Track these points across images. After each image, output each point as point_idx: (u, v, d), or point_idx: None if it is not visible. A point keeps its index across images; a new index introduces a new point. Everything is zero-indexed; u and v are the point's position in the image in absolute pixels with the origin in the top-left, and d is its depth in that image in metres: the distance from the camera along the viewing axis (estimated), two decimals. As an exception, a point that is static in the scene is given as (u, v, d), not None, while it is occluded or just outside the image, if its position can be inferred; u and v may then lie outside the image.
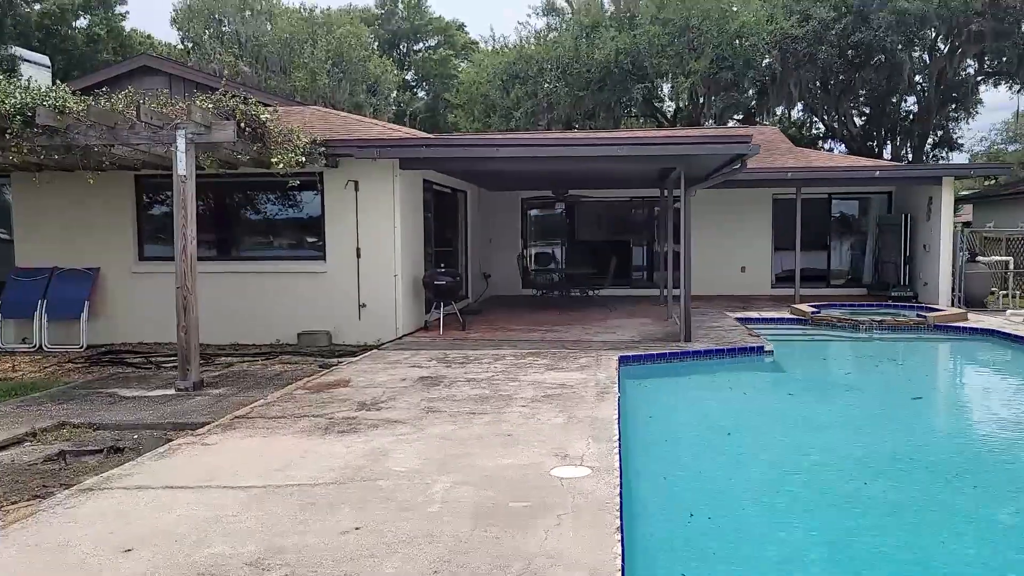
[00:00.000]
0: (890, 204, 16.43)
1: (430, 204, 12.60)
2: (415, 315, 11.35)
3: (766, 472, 5.54)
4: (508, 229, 17.81)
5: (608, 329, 11.45)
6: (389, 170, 10.49)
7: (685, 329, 10.01)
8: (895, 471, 5.48)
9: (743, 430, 6.64)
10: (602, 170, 11.53)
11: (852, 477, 5.35)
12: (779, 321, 12.37)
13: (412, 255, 11.18)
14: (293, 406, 6.54)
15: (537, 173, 12.62)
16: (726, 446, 6.13)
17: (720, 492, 5.03)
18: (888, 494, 4.98)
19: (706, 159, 9.83)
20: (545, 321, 12.45)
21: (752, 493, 5.05)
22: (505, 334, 10.91)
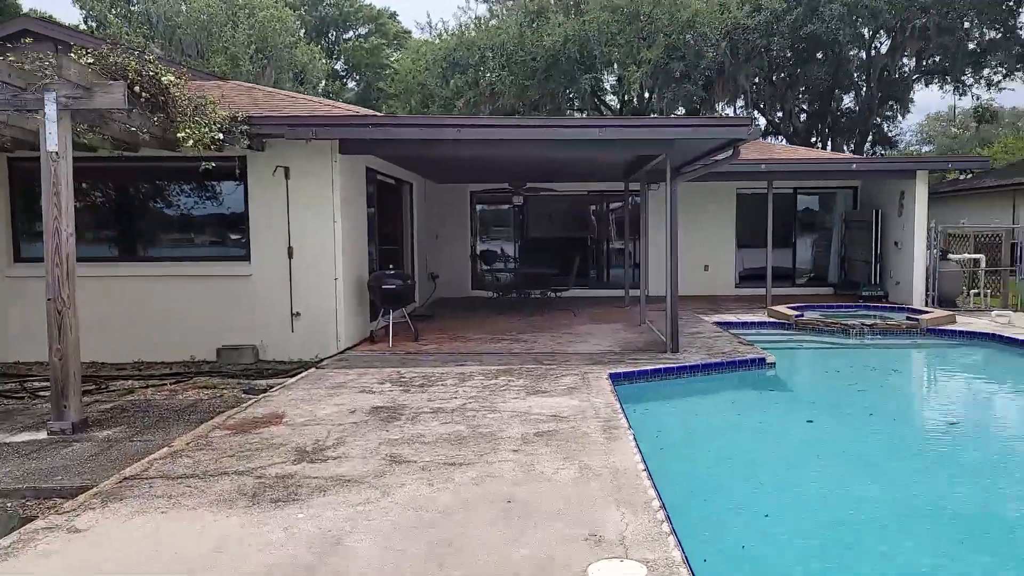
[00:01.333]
0: (856, 199, 15.76)
1: (374, 197, 11.01)
2: (359, 325, 9.76)
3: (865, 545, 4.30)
4: (456, 225, 16.33)
5: (579, 337, 10.15)
6: (327, 154, 8.87)
7: (672, 338, 8.80)
8: (991, 537, 4.33)
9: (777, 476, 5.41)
10: (575, 158, 10.20)
11: (948, 544, 4.18)
12: (760, 325, 11.35)
13: (355, 255, 9.59)
14: (208, 457, 4.93)
15: (497, 162, 11.20)
16: (779, 502, 4.87)
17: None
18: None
19: (697, 145, 8.65)
20: (507, 328, 11.05)
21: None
22: (466, 345, 9.45)
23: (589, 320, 12.07)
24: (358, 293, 9.64)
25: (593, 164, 11.94)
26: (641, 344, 9.51)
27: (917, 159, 13.85)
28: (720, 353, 8.64)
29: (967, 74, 29.18)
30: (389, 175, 12.05)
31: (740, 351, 8.76)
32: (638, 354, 8.71)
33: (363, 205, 10.08)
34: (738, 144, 8.41)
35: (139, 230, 9.39)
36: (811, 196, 16.53)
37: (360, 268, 9.83)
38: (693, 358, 8.30)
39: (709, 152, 9.27)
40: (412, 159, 10.96)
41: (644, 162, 10.75)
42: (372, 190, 10.94)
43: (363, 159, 10.02)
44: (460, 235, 16.37)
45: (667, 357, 8.42)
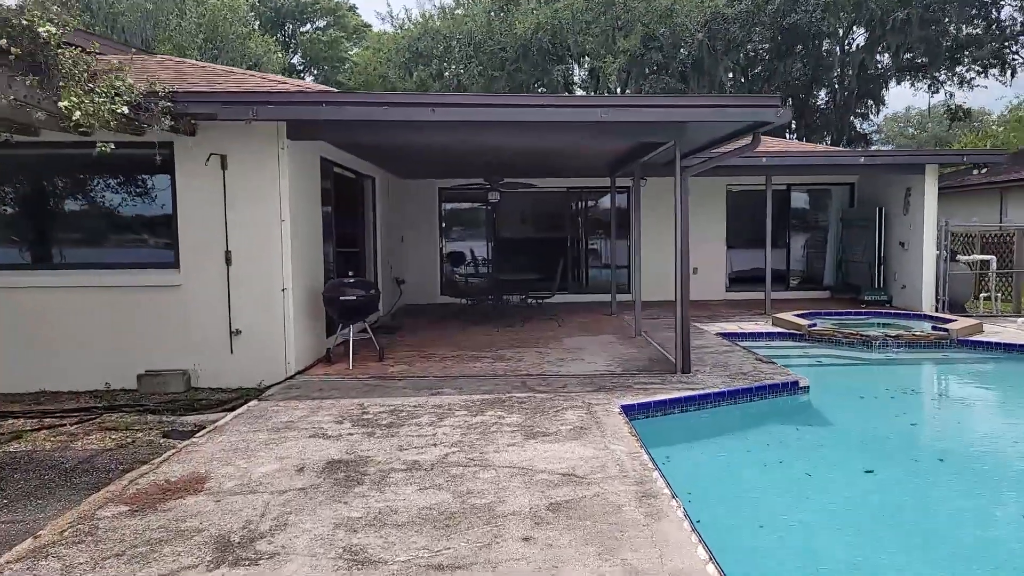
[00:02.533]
0: (852, 196, 14.75)
1: (331, 192, 9.53)
2: (313, 343, 8.27)
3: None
4: (424, 225, 14.88)
5: (570, 353, 8.82)
6: (272, 140, 7.38)
7: (683, 357, 7.53)
8: None
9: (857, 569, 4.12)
10: (563, 148, 8.86)
11: None
12: (768, 336, 10.16)
13: (308, 260, 8.11)
14: (85, 558, 3.44)
15: (471, 153, 9.81)
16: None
17: None
18: None
19: (712, 130, 7.40)
20: (485, 342, 9.66)
21: None
22: (440, 365, 8.03)
23: (577, 330, 10.75)
24: (312, 305, 8.16)
25: (580, 156, 10.63)
26: (643, 362, 8.22)
27: (929, 152, 12.86)
28: (741, 375, 7.38)
29: (942, 70, 28.79)
30: (348, 168, 10.56)
31: (764, 372, 7.52)
32: (644, 376, 7.41)
33: (317, 201, 8.59)
34: (760, 129, 7.17)
35: (42, 233, 7.76)
36: (804, 193, 15.49)
37: (314, 276, 8.34)
38: (711, 381, 7.02)
39: (723, 139, 8.03)
40: (376, 148, 9.49)
41: (640, 153, 9.47)
42: (329, 185, 9.45)
43: (317, 147, 8.53)
44: (428, 236, 14.93)
45: (680, 381, 7.13)
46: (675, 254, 7.57)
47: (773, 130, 10.53)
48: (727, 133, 7.70)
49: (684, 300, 7.56)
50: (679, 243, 7.53)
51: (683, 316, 7.58)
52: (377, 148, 9.36)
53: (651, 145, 8.59)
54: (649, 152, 8.82)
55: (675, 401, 6.26)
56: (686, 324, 7.59)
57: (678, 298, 7.59)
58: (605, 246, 16.09)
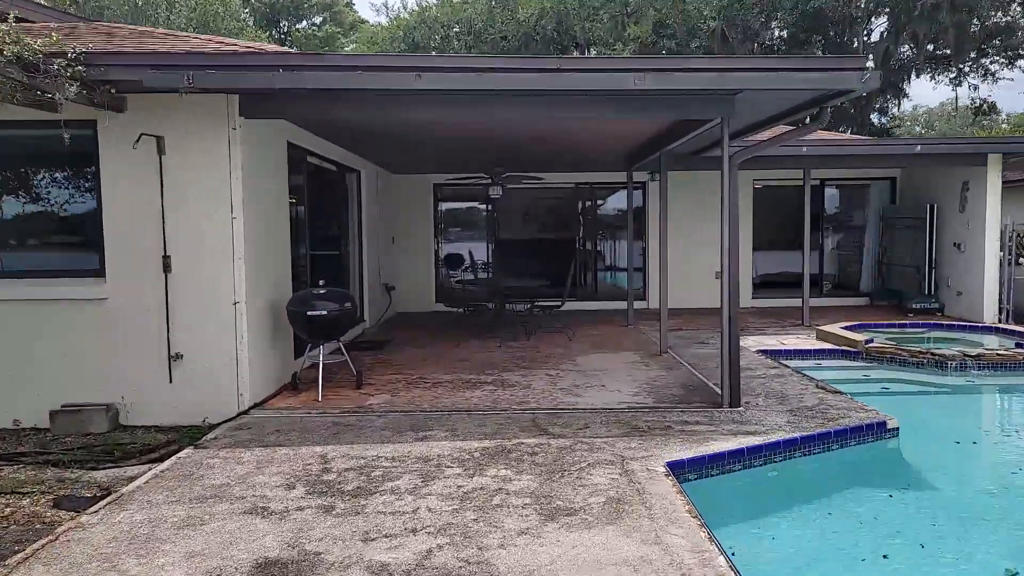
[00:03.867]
0: (894, 192, 13.26)
1: (304, 185, 8.08)
2: (275, 367, 6.79)
3: None
4: (417, 225, 13.42)
5: (587, 376, 7.35)
6: (221, 118, 5.91)
7: (731, 387, 6.06)
8: None
9: None
10: (583, 125, 7.37)
11: None
12: (816, 354, 8.69)
13: (269, 266, 6.64)
14: None
15: (471, 138, 8.33)
16: None
17: None
18: None
19: (771, 101, 5.94)
20: (486, 362, 8.19)
21: None
22: (431, 395, 6.56)
23: (591, 346, 9.27)
24: (273, 322, 6.69)
25: (597, 142, 9.16)
26: (677, 390, 6.75)
27: (997, 140, 11.54)
28: (805, 411, 5.90)
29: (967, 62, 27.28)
30: (327, 157, 9.09)
31: (833, 406, 6.04)
32: (684, 411, 5.94)
33: (283, 196, 7.13)
34: (834, 102, 5.71)
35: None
36: (837, 189, 14.02)
37: (278, 285, 6.87)
38: (771, 420, 5.54)
39: (781, 116, 6.57)
40: (354, 131, 8.01)
41: (669, 139, 7.99)
42: (301, 177, 8.01)
43: (283, 130, 7.07)
44: (422, 237, 13.47)
45: (732, 419, 5.66)
46: (721, 258, 6.14)
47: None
48: (788, 108, 6.25)
49: (733, 316, 6.10)
50: (726, 244, 6.10)
51: (732, 335, 6.11)
52: (356, 131, 7.89)
53: (686, 126, 7.12)
54: (683, 136, 7.35)
55: (735, 454, 4.77)
56: (735, 346, 6.11)
57: (725, 314, 6.13)
58: (616, 248, 14.65)
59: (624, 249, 14.67)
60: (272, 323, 6.67)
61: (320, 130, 7.86)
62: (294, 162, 7.77)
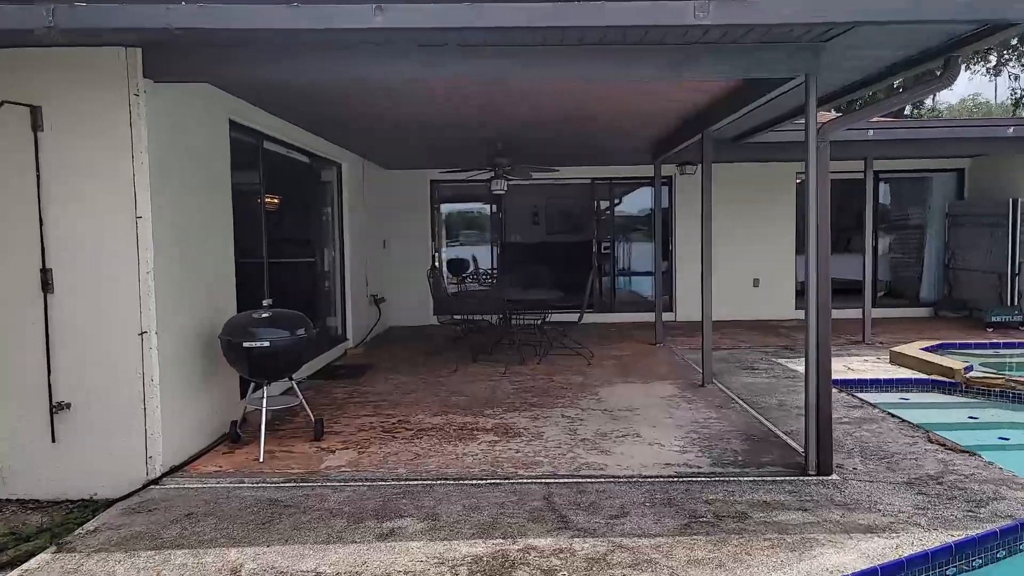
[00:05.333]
0: (961, 186, 11.53)
1: (261, 179, 6.50)
2: (208, 414, 5.17)
3: None
4: (413, 227, 11.82)
5: (616, 419, 5.70)
6: (119, 80, 4.31)
7: (820, 448, 4.40)
8: None
9: None
10: (623, 88, 5.65)
11: None
12: (898, 385, 6.99)
13: (199, 282, 5.02)
14: None
15: (467, 116, 6.69)
16: None
17: None
18: None
19: (892, 44, 4.29)
20: (486, 395, 6.54)
21: None
22: (409, 453, 4.91)
23: (616, 372, 7.63)
24: (203, 354, 5.07)
25: (620, 127, 7.51)
26: (737, 441, 5.09)
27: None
28: (933, 484, 4.21)
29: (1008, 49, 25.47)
30: (295, 145, 7.50)
31: (972, 478, 4.35)
32: (756, 481, 4.29)
33: (222, 189, 5.51)
34: (976, 45, 4.06)
35: None
36: (891, 183, 12.32)
37: (214, 306, 5.25)
38: (890, 503, 3.86)
39: (880, 76, 4.91)
40: (315, 106, 6.38)
41: (707, 119, 6.33)
42: (256, 167, 6.43)
43: (219, 102, 5.46)
44: (418, 241, 11.85)
45: (829, 499, 3.99)
46: (807, 267, 4.47)
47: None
48: (898, 59, 4.57)
49: (822, 347, 4.44)
50: (814, 249, 4.43)
51: (820, 373, 4.45)
52: (317, 106, 6.27)
53: (740, 97, 5.46)
54: (734, 109, 5.67)
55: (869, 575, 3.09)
56: (825, 389, 4.45)
57: (811, 343, 4.47)
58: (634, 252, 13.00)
59: (644, 253, 13.03)
60: (202, 356, 5.05)
61: (275, 105, 6.24)
62: (244, 148, 6.18)
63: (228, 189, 5.59)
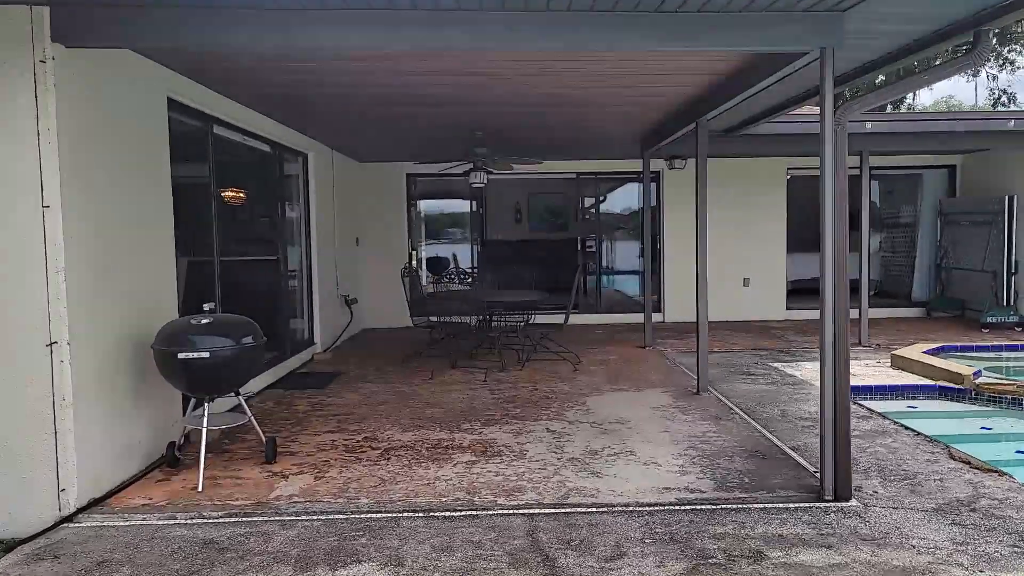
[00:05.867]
0: (953, 182, 11.10)
1: (210, 167, 5.84)
2: (139, 436, 4.49)
3: None
4: (388, 224, 11.18)
5: (607, 434, 5.12)
6: (20, 44, 3.65)
7: (837, 470, 3.84)
8: None
9: None
10: (610, 61, 5.08)
11: None
12: (903, 391, 6.48)
13: (127, 282, 4.35)
14: None
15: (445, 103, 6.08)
16: None
17: None
18: None
19: (919, 14, 3.75)
20: (464, 407, 5.93)
21: None
22: (376, 476, 4.29)
23: (604, 379, 7.05)
24: (134, 366, 4.41)
25: (608, 116, 6.94)
26: (741, 459, 4.53)
27: None
28: (965, 511, 3.66)
29: (992, 46, 25.26)
30: (253, 132, 6.84)
31: (1007, 502, 3.82)
32: (767, 509, 3.72)
33: (158, 176, 4.85)
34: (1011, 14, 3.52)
35: None
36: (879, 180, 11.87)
37: (148, 309, 4.58)
38: (923, 536, 3.30)
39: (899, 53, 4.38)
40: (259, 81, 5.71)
41: (704, 105, 5.78)
42: (206, 154, 5.78)
43: (156, 78, 4.79)
44: (394, 238, 11.21)
45: (853, 532, 3.43)
46: (822, 267, 3.94)
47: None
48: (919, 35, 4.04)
49: (839, 359, 3.89)
50: (830, 246, 3.89)
51: (838, 390, 3.91)
52: (261, 82, 5.60)
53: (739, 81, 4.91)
54: (733, 94, 5.12)
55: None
56: (843, 406, 3.90)
57: (827, 356, 3.92)
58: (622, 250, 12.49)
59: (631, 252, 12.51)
60: (132, 369, 4.39)
61: (222, 84, 5.56)
62: (190, 133, 5.53)
63: (167, 178, 4.93)
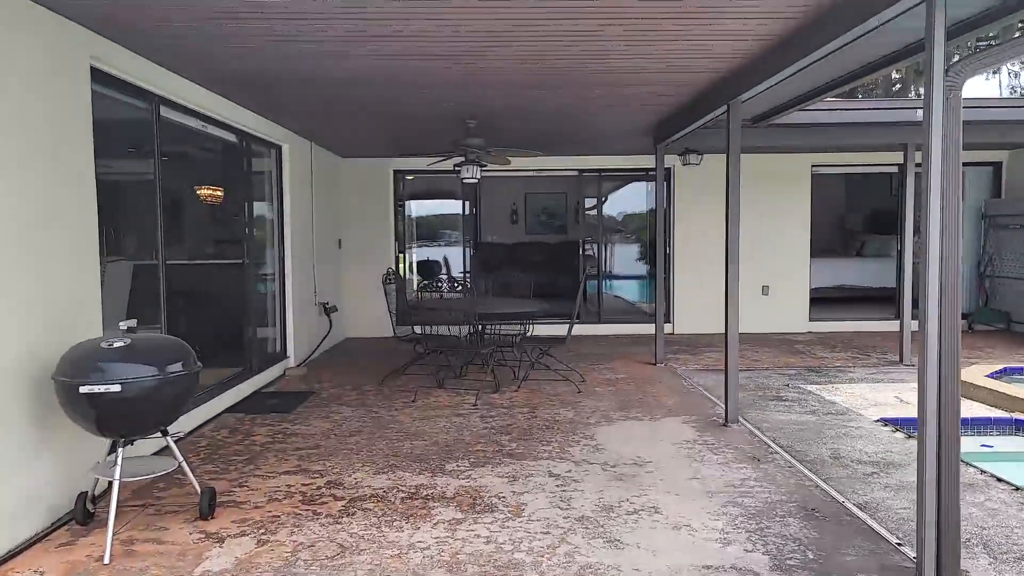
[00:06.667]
0: (999, 182, 10.21)
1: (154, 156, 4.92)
2: (40, 487, 3.54)
3: None
4: (374, 225, 10.26)
5: (623, 479, 4.20)
6: None
7: (937, 554, 2.92)
8: None
9: None
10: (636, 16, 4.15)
11: None
12: (973, 425, 5.55)
13: (18, 297, 3.41)
14: None
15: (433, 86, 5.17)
16: None
17: None
18: None
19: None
20: (450, 438, 5.00)
21: None
22: (331, 543, 3.34)
23: (614, 404, 6.12)
24: (32, 402, 3.47)
25: (621, 99, 6.03)
26: (796, 521, 3.61)
27: None
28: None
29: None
30: (214, 119, 5.91)
31: None
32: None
33: (75, 165, 3.90)
34: None
35: None
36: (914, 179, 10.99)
37: (53, 332, 3.65)
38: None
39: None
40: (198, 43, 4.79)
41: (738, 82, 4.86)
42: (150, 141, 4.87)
43: (67, 37, 3.86)
44: (379, 241, 10.28)
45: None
46: (928, 277, 2.99)
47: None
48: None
49: (949, 408, 2.96)
50: (939, 250, 2.95)
51: (944, 444, 2.98)
52: (203, 52, 4.67)
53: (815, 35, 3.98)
54: (801, 57, 4.19)
55: None
56: (951, 469, 2.98)
57: (932, 404, 2.99)
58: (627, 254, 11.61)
59: (636, 256, 11.61)
60: (30, 403, 3.45)
61: (163, 54, 4.63)
62: (127, 114, 4.61)
63: (88, 167, 3.99)
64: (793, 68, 4.43)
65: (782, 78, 4.72)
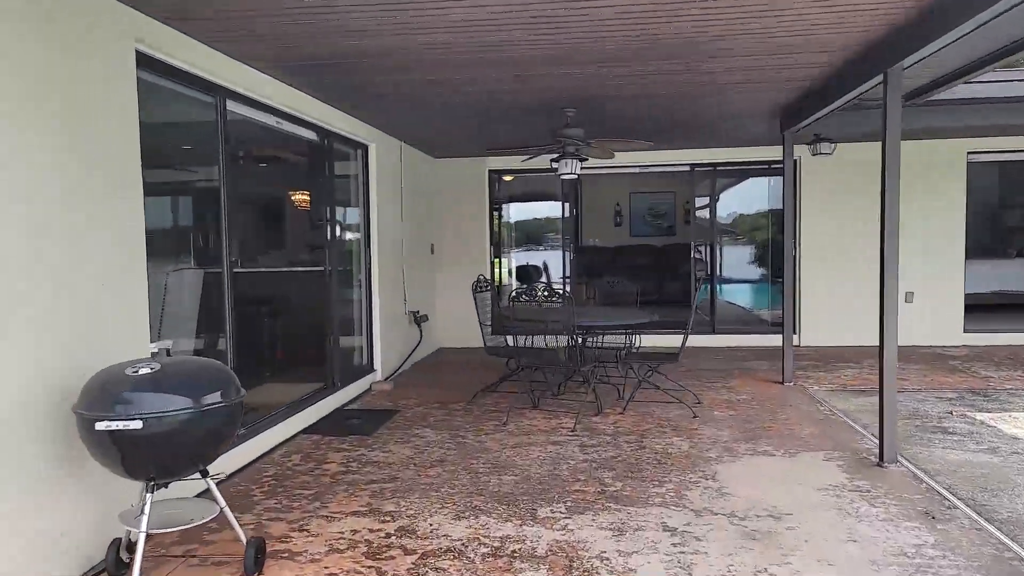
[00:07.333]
0: None
1: (219, 154, 4.50)
2: (66, 531, 3.08)
3: None
4: (467, 228, 9.70)
5: (756, 540, 3.29)
6: None
7: None
8: None
9: None
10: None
11: None
12: None
13: (43, 310, 2.96)
14: None
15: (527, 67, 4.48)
16: None
17: None
18: None
19: None
20: (543, 472, 4.25)
21: None
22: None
23: (737, 434, 5.19)
24: (57, 435, 3.02)
25: (748, 74, 5.11)
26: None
27: None
28: None
29: None
30: (294, 116, 5.46)
31: None
32: None
33: (117, 159, 3.46)
34: None
35: None
36: None
37: (83, 351, 3.20)
38: None
39: None
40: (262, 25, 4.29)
41: (897, 48, 3.86)
42: (217, 136, 4.46)
43: (107, 16, 3.42)
44: (474, 246, 9.71)
45: None
46: None
47: None
48: None
49: None
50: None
51: None
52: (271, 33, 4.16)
53: None
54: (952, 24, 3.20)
55: None
56: None
57: None
58: (744, 257, 10.51)
59: (755, 259, 10.48)
60: (54, 436, 3.01)
61: (222, 38, 4.16)
62: (187, 107, 4.18)
63: (133, 165, 3.55)
64: (974, 21, 3.41)
65: (960, 35, 3.69)
